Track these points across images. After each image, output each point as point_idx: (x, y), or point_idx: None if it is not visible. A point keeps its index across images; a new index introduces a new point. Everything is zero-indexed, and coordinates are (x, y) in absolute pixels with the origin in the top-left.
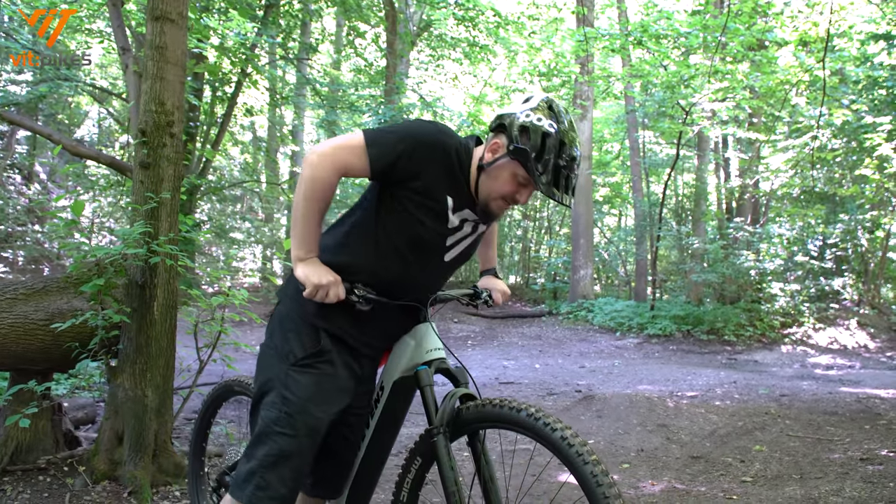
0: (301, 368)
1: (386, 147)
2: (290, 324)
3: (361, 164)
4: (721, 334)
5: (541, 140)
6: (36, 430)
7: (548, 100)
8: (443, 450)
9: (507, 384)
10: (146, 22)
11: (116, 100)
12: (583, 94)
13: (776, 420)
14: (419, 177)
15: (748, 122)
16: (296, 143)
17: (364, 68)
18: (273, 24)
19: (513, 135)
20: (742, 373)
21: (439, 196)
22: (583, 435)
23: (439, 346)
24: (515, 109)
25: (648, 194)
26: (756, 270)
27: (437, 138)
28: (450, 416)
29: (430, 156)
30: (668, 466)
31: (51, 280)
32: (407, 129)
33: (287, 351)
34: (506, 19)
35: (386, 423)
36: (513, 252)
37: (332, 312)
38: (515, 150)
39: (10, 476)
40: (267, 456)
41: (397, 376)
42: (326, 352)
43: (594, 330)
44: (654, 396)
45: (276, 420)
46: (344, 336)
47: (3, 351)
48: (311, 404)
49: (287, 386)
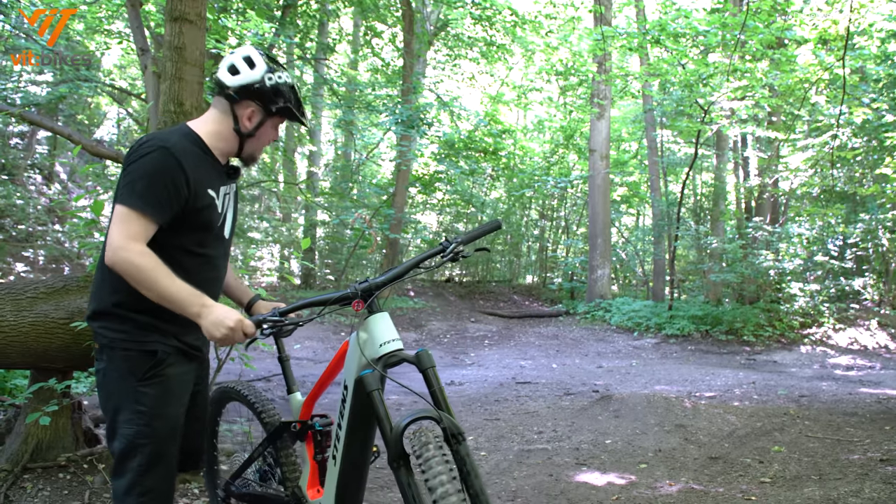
0: (146, 382)
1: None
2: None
3: (152, 229)
4: (740, 335)
5: (289, 92)
6: (56, 428)
7: (264, 53)
8: (403, 480)
9: (523, 384)
10: (165, 23)
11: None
12: (600, 92)
13: (795, 421)
14: (190, 192)
15: (767, 121)
16: (313, 143)
17: (381, 68)
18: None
19: (268, 98)
20: (761, 373)
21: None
22: (600, 435)
23: (394, 338)
24: (254, 77)
25: (666, 193)
26: (775, 270)
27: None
28: (399, 450)
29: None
30: (685, 467)
31: (71, 279)
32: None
33: (127, 371)
34: (523, 18)
35: (357, 423)
36: (530, 252)
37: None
38: (279, 109)
39: (31, 473)
40: (140, 466)
41: (356, 375)
42: (163, 360)
43: (611, 330)
44: (672, 396)
45: (136, 434)
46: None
47: (24, 349)
48: (164, 409)
49: (138, 401)
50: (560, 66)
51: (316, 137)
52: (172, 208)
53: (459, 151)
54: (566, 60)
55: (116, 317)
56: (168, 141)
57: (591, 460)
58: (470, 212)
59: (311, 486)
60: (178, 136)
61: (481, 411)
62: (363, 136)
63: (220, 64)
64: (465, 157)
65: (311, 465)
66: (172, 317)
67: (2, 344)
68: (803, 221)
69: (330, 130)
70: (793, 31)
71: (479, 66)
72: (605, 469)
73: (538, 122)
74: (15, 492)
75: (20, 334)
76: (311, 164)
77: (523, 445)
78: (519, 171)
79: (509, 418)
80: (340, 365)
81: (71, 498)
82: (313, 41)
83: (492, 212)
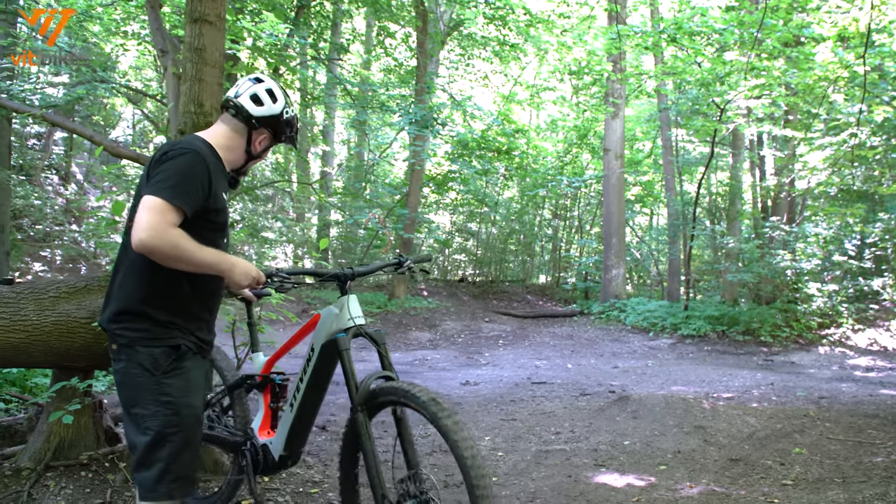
0: (169, 374)
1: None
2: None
3: (180, 220)
4: (757, 335)
5: (296, 123)
6: (78, 427)
7: (280, 87)
8: (361, 425)
9: (539, 384)
10: (185, 24)
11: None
12: (615, 92)
13: (816, 423)
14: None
15: (784, 119)
16: (326, 143)
17: (394, 68)
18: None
19: (281, 129)
20: (779, 374)
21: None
22: (618, 436)
23: (359, 315)
24: (275, 111)
25: (681, 193)
26: (792, 270)
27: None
28: (366, 396)
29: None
30: (706, 469)
31: (92, 279)
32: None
33: (151, 366)
34: (536, 18)
35: (316, 380)
36: (543, 251)
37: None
38: (287, 138)
39: (53, 472)
40: (170, 454)
41: (324, 340)
42: (185, 353)
43: (627, 330)
44: (691, 398)
45: (165, 424)
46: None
47: (47, 348)
48: (188, 398)
49: (163, 392)
50: (574, 66)
51: (329, 137)
52: (197, 204)
53: (473, 151)
54: (581, 60)
55: (137, 316)
56: (196, 146)
57: (609, 461)
58: (483, 211)
59: (263, 428)
60: (199, 142)
61: (497, 411)
62: (376, 136)
63: (240, 90)
64: (479, 156)
65: (266, 412)
66: (190, 314)
67: (25, 343)
68: (820, 221)
69: (343, 130)
70: (811, 28)
71: (492, 66)
72: (624, 470)
73: (551, 121)
74: (38, 490)
75: (43, 333)
76: (324, 163)
77: (541, 446)
78: (532, 170)
79: (526, 418)
80: (306, 333)
81: (93, 496)
82: (327, 41)
83: (505, 211)
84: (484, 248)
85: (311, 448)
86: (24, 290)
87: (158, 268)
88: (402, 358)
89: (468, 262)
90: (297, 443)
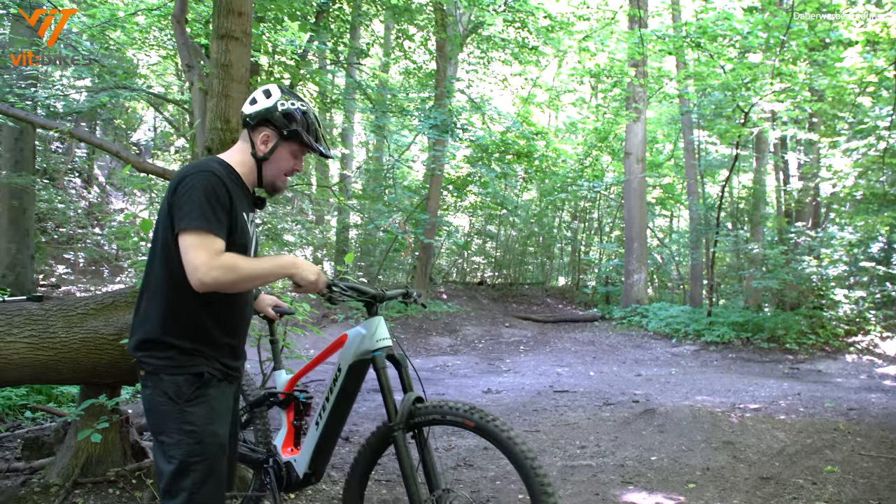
0: (192, 402)
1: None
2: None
3: (223, 244)
4: (782, 342)
5: (301, 118)
6: (105, 443)
7: (281, 87)
8: (401, 443)
9: (561, 392)
10: (211, 40)
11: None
12: (636, 95)
13: (846, 437)
14: (232, 210)
15: (808, 122)
16: (345, 146)
17: (413, 70)
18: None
19: (280, 122)
20: (805, 384)
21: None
22: (645, 451)
23: (387, 336)
24: (267, 104)
25: (704, 196)
26: (818, 276)
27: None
28: (406, 416)
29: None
30: (736, 488)
31: (119, 295)
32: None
33: (175, 394)
34: (557, 21)
35: (342, 399)
36: (562, 254)
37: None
38: (289, 133)
39: (81, 489)
40: (193, 484)
41: (352, 360)
42: (209, 381)
43: (649, 336)
44: (718, 411)
45: (188, 453)
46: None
47: (75, 365)
48: (212, 426)
49: (186, 420)
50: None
51: (348, 140)
52: (226, 223)
53: (492, 154)
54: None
55: (161, 345)
56: (211, 167)
57: (637, 478)
58: (502, 213)
59: (286, 445)
60: (215, 163)
61: (520, 422)
62: (395, 139)
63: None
64: (498, 159)
65: (289, 429)
66: (213, 340)
67: (54, 360)
68: (846, 225)
69: (362, 133)
70: (838, 32)
71: (511, 68)
72: (652, 489)
73: (571, 123)
74: None
75: (71, 350)
76: (343, 167)
77: (566, 461)
78: (552, 172)
79: (549, 430)
80: (331, 353)
81: None
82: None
83: (524, 213)
84: (503, 251)
85: (335, 461)
86: (52, 308)
87: (178, 296)
88: (423, 364)
89: (487, 264)
90: (321, 460)
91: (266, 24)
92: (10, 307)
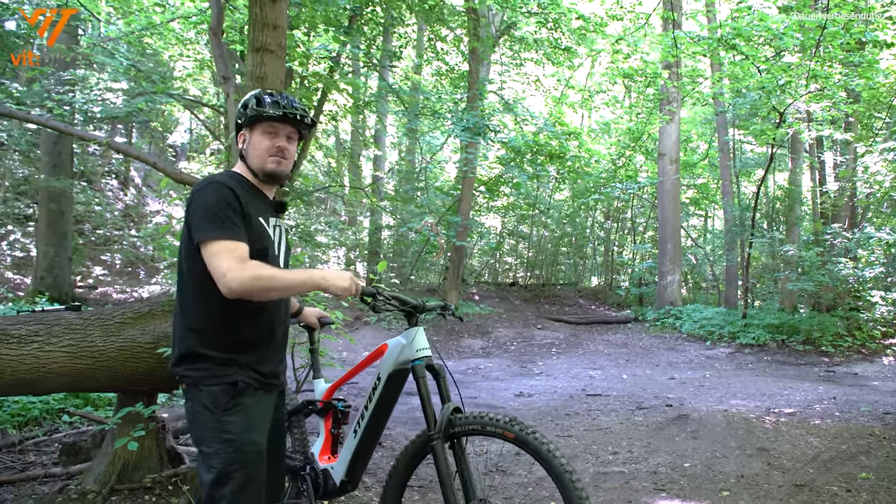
0: (229, 411)
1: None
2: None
3: (245, 248)
4: (818, 345)
5: (254, 101)
6: (142, 449)
7: (269, 92)
8: (440, 452)
9: (594, 396)
10: (247, 53)
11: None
12: (670, 96)
13: (882, 443)
14: (245, 215)
15: (844, 123)
16: (378, 148)
17: (445, 72)
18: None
19: (241, 116)
20: (841, 387)
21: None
22: (678, 457)
23: (426, 346)
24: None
25: (738, 196)
26: (854, 277)
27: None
28: (445, 426)
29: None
30: (770, 495)
31: (156, 303)
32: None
33: (212, 404)
34: (589, 21)
35: (381, 407)
36: (595, 254)
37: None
38: (246, 118)
39: (118, 495)
40: (232, 492)
41: (392, 369)
42: (243, 390)
43: (683, 338)
44: (752, 417)
45: (226, 462)
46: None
47: (112, 374)
48: (249, 434)
49: (224, 430)
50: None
51: (381, 142)
52: (242, 226)
53: (524, 155)
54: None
55: (198, 357)
56: (217, 178)
57: (669, 485)
58: (534, 214)
59: (324, 453)
60: (224, 175)
61: (552, 426)
62: (427, 141)
63: None
64: (531, 160)
65: (326, 437)
66: (247, 349)
67: (92, 369)
68: (883, 226)
69: (394, 133)
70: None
71: (544, 69)
72: (685, 496)
73: (604, 123)
74: None
75: (109, 359)
76: (375, 167)
77: (599, 467)
78: (585, 173)
79: (582, 435)
80: (370, 363)
81: None
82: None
83: (556, 213)
84: (535, 251)
85: (369, 466)
86: (90, 317)
87: (209, 308)
88: (455, 366)
89: (519, 264)
90: (358, 468)
91: (299, 30)
92: (48, 317)
